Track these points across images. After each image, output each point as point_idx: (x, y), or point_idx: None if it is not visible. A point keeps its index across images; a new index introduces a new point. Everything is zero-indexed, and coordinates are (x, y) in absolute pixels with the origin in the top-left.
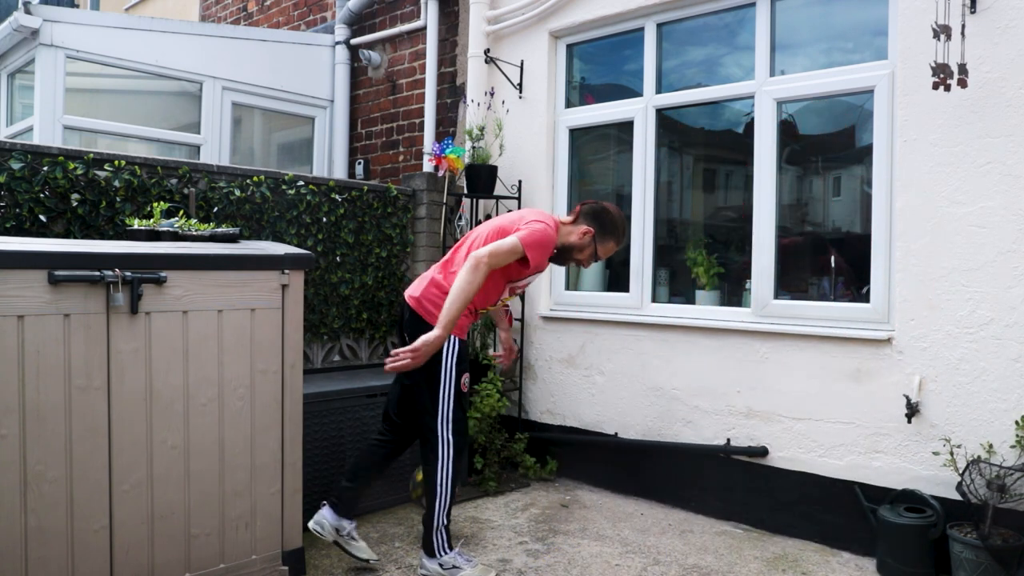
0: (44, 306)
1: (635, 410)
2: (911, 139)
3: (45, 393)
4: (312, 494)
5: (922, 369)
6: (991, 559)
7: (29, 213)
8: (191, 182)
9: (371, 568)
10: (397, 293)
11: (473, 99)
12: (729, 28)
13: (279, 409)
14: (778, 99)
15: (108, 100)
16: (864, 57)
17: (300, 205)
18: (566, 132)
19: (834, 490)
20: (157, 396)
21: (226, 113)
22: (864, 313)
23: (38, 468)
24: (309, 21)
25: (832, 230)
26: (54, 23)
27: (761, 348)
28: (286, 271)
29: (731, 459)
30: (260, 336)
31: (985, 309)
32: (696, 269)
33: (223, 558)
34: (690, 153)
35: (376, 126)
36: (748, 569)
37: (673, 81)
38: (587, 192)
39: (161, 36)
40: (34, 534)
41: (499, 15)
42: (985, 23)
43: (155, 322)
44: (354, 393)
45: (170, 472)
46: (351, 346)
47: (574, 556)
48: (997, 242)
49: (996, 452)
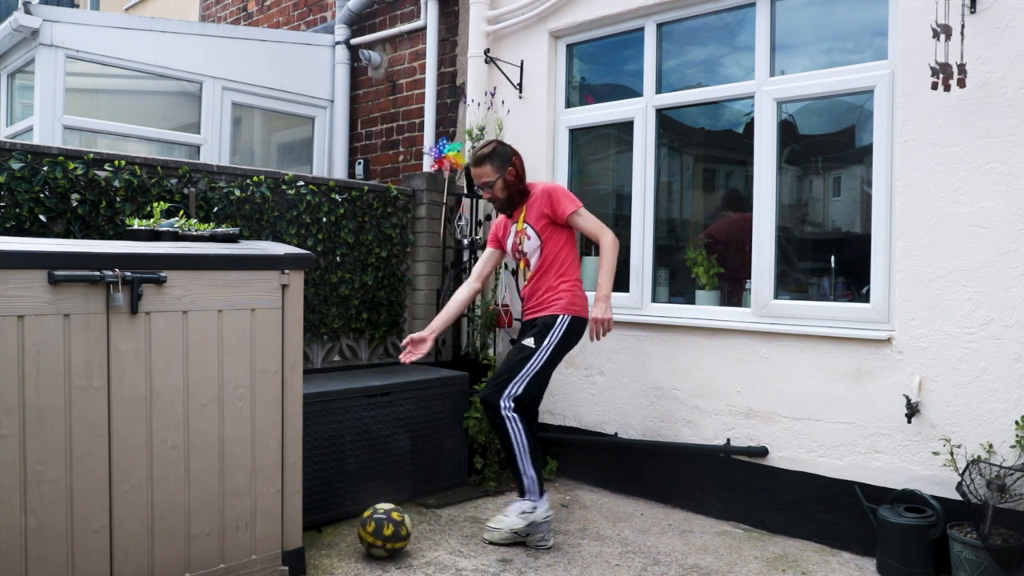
0: (44, 306)
1: (635, 410)
2: (911, 139)
3: (45, 393)
4: (312, 494)
5: (922, 369)
6: (991, 559)
7: (29, 213)
8: (191, 182)
9: (372, 568)
10: (397, 293)
11: (473, 99)
12: (729, 28)
13: (279, 409)
14: (778, 99)
15: (108, 100)
16: (864, 57)
17: (300, 205)
18: (566, 132)
19: (834, 490)
20: (157, 396)
21: (226, 113)
22: (864, 313)
23: (38, 468)
24: (309, 21)
25: (832, 230)
26: (54, 23)
27: (761, 348)
28: (286, 271)
29: (731, 459)
30: (260, 336)
31: (985, 309)
32: (696, 269)
33: (223, 558)
34: (690, 153)
35: (376, 126)
36: (748, 569)
37: (673, 81)
38: (587, 192)
39: (161, 36)
40: (34, 534)
41: (499, 15)
42: (985, 23)
43: (155, 322)
44: (354, 393)
45: (170, 472)
46: (351, 346)
47: (574, 556)
48: (997, 242)
49: (996, 452)
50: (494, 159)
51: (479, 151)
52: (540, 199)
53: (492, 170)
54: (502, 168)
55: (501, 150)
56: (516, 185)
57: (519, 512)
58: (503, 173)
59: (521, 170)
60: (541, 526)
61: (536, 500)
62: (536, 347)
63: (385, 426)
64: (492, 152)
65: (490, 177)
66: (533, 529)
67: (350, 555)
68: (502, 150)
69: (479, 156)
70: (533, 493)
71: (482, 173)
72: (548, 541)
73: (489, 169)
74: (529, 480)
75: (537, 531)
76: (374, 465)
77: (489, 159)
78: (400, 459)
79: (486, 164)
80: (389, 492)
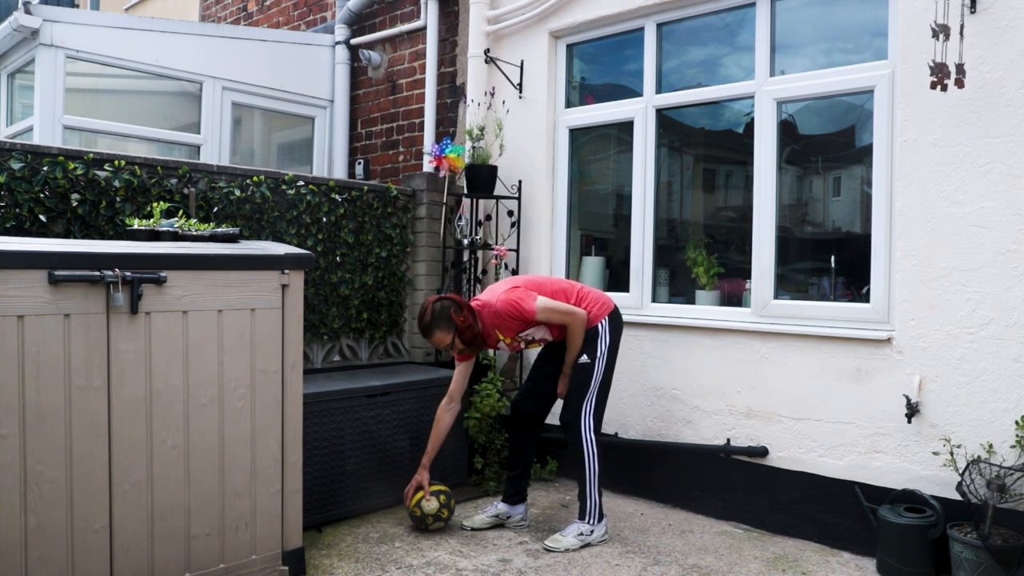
0: (44, 306)
1: (635, 410)
2: (911, 139)
3: (45, 393)
4: (312, 494)
5: (922, 369)
6: (991, 559)
7: (29, 213)
8: (191, 182)
9: (372, 568)
10: (397, 293)
11: (473, 99)
12: (729, 28)
13: (279, 409)
14: (778, 99)
15: (108, 100)
16: (864, 57)
17: (300, 205)
18: (566, 132)
19: (834, 490)
20: (157, 396)
21: (226, 113)
22: (864, 313)
23: (38, 468)
24: (309, 21)
25: (832, 230)
26: (54, 23)
27: (761, 348)
28: (286, 271)
29: (731, 459)
30: (260, 336)
31: (985, 309)
32: (696, 269)
33: (223, 558)
34: (690, 153)
35: (376, 126)
36: (748, 569)
37: (673, 81)
38: (587, 192)
39: (161, 36)
40: (34, 534)
41: (499, 15)
42: (985, 23)
43: (155, 322)
44: (354, 393)
45: (170, 472)
46: (351, 346)
47: (574, 556)
48: (997, 242)
49: (996, 452)
50: (439, 323)
51: (421, 323)
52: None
53: (443, 333)
54: (450, 325)
55: (438, 311)
56: (472, 329)
57: (577, 533)
58: (453, 328)
59: (468, 315)
60: (514, 509)
61: (594, 524)
62: (591, 359)
63: (385, 426)
64: (432, 319)
65: (447, 339)
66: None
67: (350, 555)
68: (438, 311)
69: (424, 328)
70: (593, 517)
71: (439, 341)
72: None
73: (440, 335)
74: (592, 503)
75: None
76: (374, 465)
77: (434, 326)
78: (400, 459)
79: (435, 332)
80: (389, 492)
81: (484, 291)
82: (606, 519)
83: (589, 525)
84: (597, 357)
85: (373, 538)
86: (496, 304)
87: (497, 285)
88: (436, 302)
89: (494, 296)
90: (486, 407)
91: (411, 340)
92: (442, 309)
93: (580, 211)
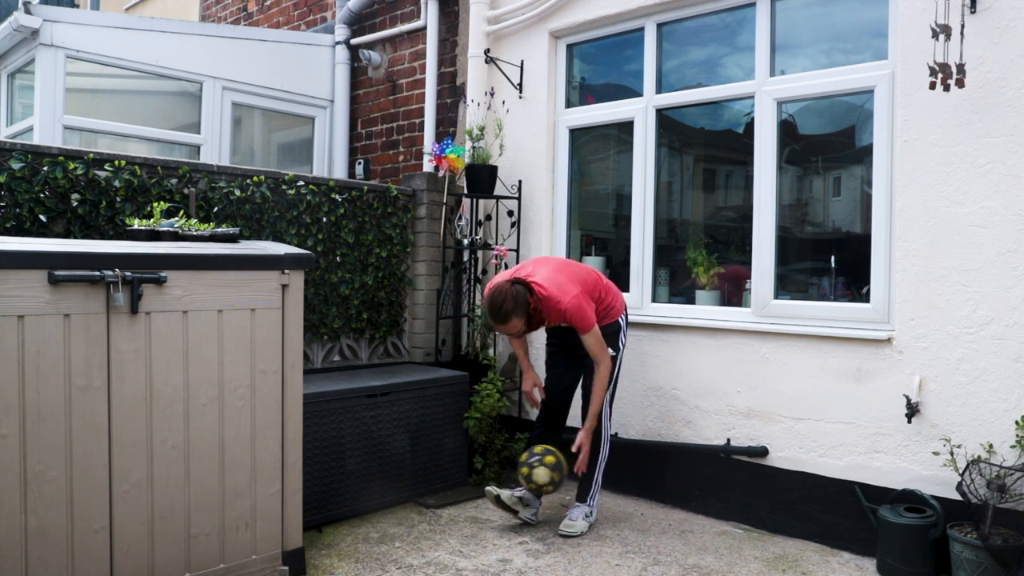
0: (44, 306)
1: (635, 410)
2: (911, 139)
3: (45, 393)
4: (312, 494)
5: (922, 369)
6: (991, 559)
7: (29, 213)
8: (191, 182)
9: (371, 568)
10: (397, 293)
11: (473, 99)
12: (729, 28)
13: (279, 409)
14: (778, 99)
15: (108, 100)
16: (864, 57)
17: (300, 205)
18: (566, 132)
19: (834, 490)
20: (157, 396)
21: (226, 113)
22: (864, 313)
23: (38, 468)
24: (309, 21)
25: (832, 230)
26: (54, 23)
27: (761, 348)
28: (286, 271)
29: (731, 459)
30: (260, 336)
31: (985, 309)
32: (696, 269)
33: (223, 558)
34: (690, 153)
35: (376, 126)
36: (748, 569)
37: (673, 81)
38: (587, 192)
39: (161, 36)
40: (34, 534)
41: (499, 15)
42: (985, 23)
43: (155, 322)
44: (354, 393)
45: (170, 472)
46: (351, 346)
47: (574, 556)
48: (997, 242)
49: (996, 452)
50: (518, 310)
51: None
52: (562, 316)
53: (519, 319)
54: (525, 311)
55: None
56: (540, 313)
57: (584, 515)
58: (526, 314)
59: (535, 300)
60: (534, 502)
61: (593, 506)
62: (615, 352)
63: (385, 426)
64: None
65: (520, 325)
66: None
67: (350, 555)
68: (517, 296)
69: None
70: (594, 499)
71: (513, 326)
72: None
73: (516, 320)
74: (596, 488)
75: (533, 505)
76: (374, 465)
77: (514, 313)
78: (400, 459)
79: (513, 318)
80: (389, 492)
81: (516, 268)
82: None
83: (590, 506)
84: (620, 350)
85: (373, 538)
86: (565, 304)
87: (536, 265)
88: (511, 287)
89: (554, 286)
90: (486, 407)
91: (411, 340)
92: (520, 294)
93: (580, 211)
